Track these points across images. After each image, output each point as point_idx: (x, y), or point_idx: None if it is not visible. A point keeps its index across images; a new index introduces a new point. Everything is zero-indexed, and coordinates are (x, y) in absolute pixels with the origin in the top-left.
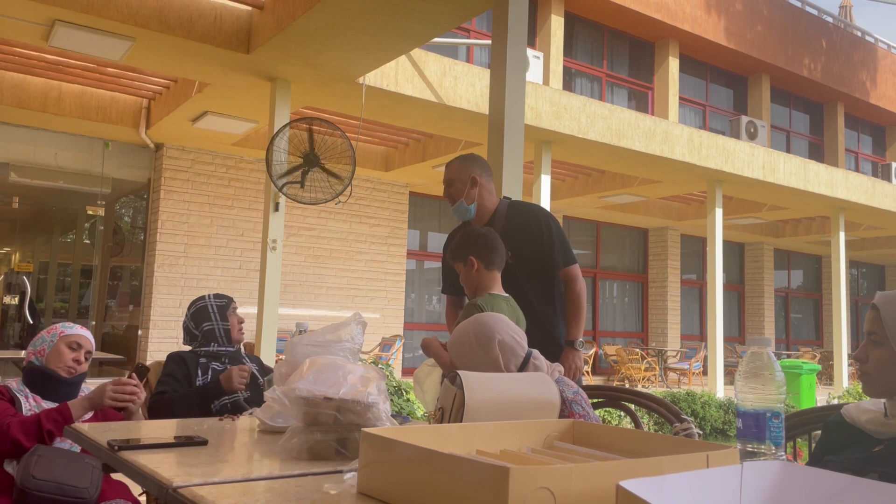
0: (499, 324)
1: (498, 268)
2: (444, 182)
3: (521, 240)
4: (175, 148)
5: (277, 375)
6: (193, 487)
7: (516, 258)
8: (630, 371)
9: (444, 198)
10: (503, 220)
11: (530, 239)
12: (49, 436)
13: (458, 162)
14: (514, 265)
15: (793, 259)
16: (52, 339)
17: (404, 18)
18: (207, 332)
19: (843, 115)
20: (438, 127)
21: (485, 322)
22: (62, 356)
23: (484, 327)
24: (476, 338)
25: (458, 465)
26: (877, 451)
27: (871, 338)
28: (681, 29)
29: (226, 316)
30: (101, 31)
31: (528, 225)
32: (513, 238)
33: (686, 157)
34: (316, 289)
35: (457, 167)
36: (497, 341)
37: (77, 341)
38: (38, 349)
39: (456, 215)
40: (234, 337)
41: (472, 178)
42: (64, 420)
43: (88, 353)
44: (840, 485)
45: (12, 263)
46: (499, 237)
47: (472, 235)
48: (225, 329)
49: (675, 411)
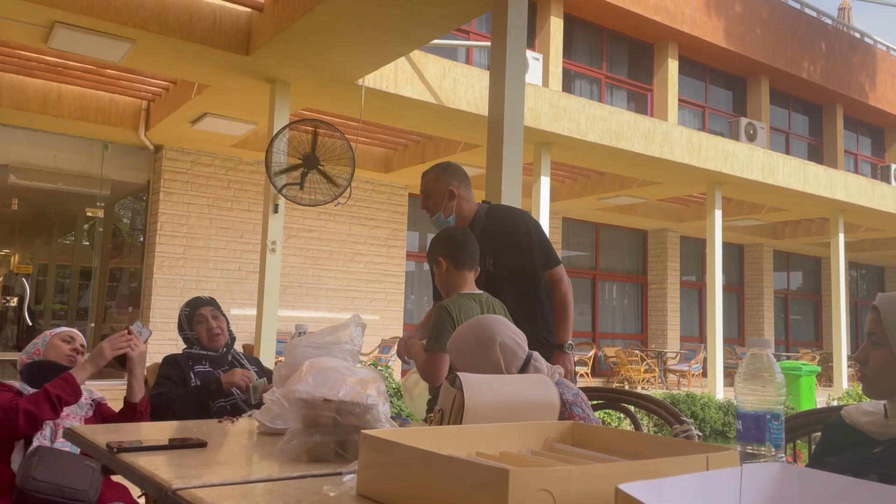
0: (499, 326)
1: (468, 268)
2: (420, 192)
3: (500, 245)
4: (174, 150)
5: (277, 377)
6: (193, 489)
7: (497, 265)
8: (629, 373)
9: (422, 208)
10: (482, 227)
11: (509, 244)
12: (59, 401)
13: (433, 173)
14: (494, 272)
15: (792, 261)
16: (43, 340)
17: (404, 20)
18: (185, 339)
19: (842, 116)
20: (438, 128)
21: (485, 324)
22: (59, 348)
23: (484, 329)
24: (476, 340)
25: (458, 467)
26: (877, 452)
27: (872, 339)
28: (680, 31)
29: (192, 325)
30: (101, 33)
31: (507, 230)
32: (492, 244)
33: (685, 159)
34: (315, 290)
35: (433, 178)
36: (498, 343)
37: (69, 335)
38: (32, 352)
39: (434, 226)
40: (204, 344)
41: (449, 190)
42: (69, 385)
43: (82, 346)
44: (840, 486)
45: (11, 265)
46: (471, 236)
47: (441, 237)
48: (194, 338)
49: (674, 413)
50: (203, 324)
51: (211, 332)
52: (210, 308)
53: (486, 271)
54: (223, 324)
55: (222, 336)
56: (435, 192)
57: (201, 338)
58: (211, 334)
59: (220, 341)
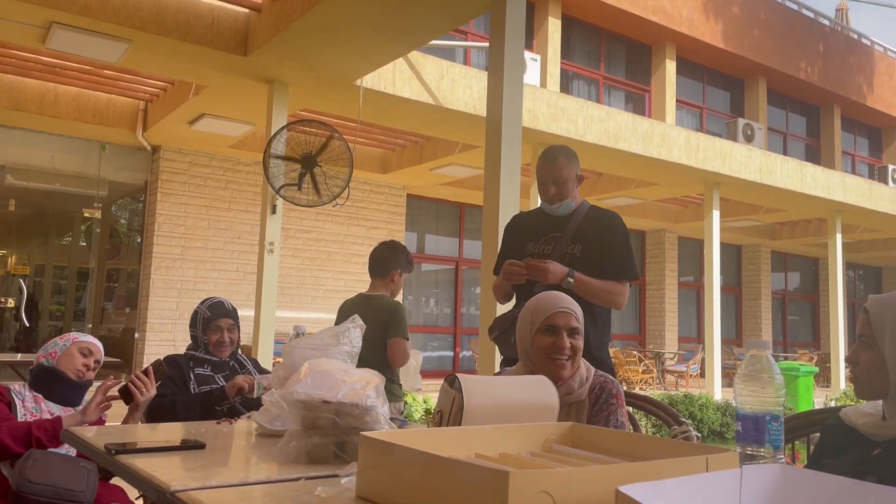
0: (559, 300)
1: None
2: (550, 182)
3: (593, 237)
4: (172, 150)
5: (275, 379)
6: (191, 491)
7: (584, 253)
8: (628, 373)
9: (548, 197)
10: (583, 216)
11: (602, 238)
12: (38, 443)
13: (564, 158)
14: (580, 258)
15: (790, 261)
16: (64, 343)
17: (402, 21)
18: (193, 337)
19: (839, 117)
20: (436, 129)
21: (545, 297)
22: (73, 359)
23: (543, 303)
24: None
25: (458, 469)
26: (875, 454)
27: (862, 340)
28: (678, 32)
29: (207, 330)
30: (98, 34)
31: (605, 226)
32: (586, 233)
33: (683, 160)
34: (313, 291)
35: (565, 164)
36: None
37: (89, 348)
38: (49, 352)
39: (556, 212)
40: (210, 350)
41: (579, 175)
42: (54, 431)
43: (97, 362)
44: (838, 488)
45: (8, 266)
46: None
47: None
48: (203, 342)
49: (673, 414)
50: (217, 333)
51: (221, 343)
52: (230, 321)
53: (571, 255)
54: (235, 337)
55: (229, 350)
56: (569, 178)
57: (209, 344)
58: (220, 345)
59: (226, 353)
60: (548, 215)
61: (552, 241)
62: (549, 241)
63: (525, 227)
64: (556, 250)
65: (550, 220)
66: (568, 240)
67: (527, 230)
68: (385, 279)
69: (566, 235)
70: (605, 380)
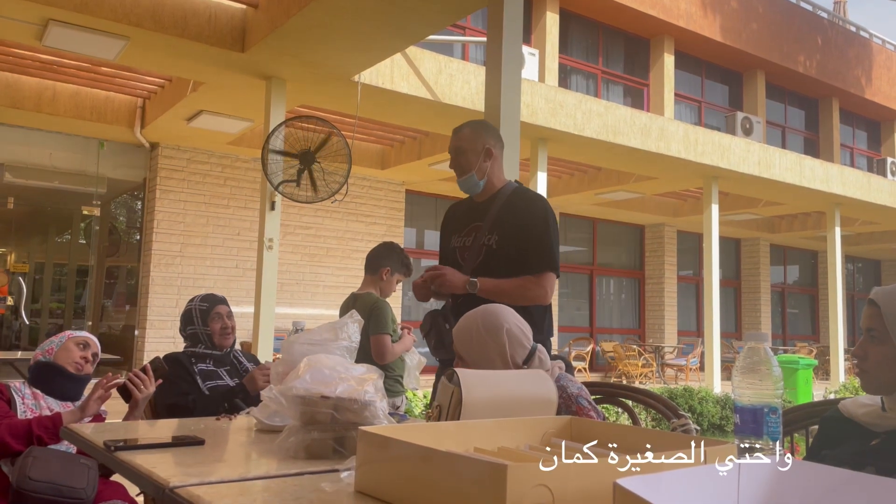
0: (507, 314)
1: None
2: (450, 150)
3: (511, 226)
4: (170, 147)
5: (274, 374)
6: (190, 487)
7: (500, 243)
8: (627, 367)
9: (451, 167)
10: (503, 202)
11: (521, 228)
12: (38, 441)
13: (469, 129)
14: (496, 250)
15: (789, 254)
16: (60, 339)
17: (399, 16)
18: (191, 335)
19: (838, 110)
20: (434, 125)
21: (493, 310)
22: (70, 353)
23: (492, 316)
24: (484, 325)
25: (456, 463)
26: (874, 444)
27: (871, 334)
28: (676, 25)
29: (207, 321)
30: (95, 31)
31: (526, 214)
32: (504, 222)
33: (682, 154)
34: (312, 287)
35: (469, 135)
36: (505, 330)
37: (85, 341)
38: (46, 350)
39: (462, 188)
40: (216, 342)
41: (486, 149)
42: (55, 428)
43: (95, 355)
44: (837, 479)
45: (7, 264)
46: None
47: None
48: (207, 334)
49: (672, 407)
50: (219, 321)
51: (225, 330)
52: (226, 308)
53: (487, 247)
54: (234, 324)
55: (233, 336)
56: (470, 150)
57: (214, 334)
58: (225, 332)
59: (230, 341)
60: (473, 203)
61: (473, 232)
62: (470, 231)
63: (455, 218)
64: (475, 242)
65: (474, 207)
66: (486, 230)
67: (457, 221)
68: (375, 276)
69: (486, 225)
70: (562, 382)
